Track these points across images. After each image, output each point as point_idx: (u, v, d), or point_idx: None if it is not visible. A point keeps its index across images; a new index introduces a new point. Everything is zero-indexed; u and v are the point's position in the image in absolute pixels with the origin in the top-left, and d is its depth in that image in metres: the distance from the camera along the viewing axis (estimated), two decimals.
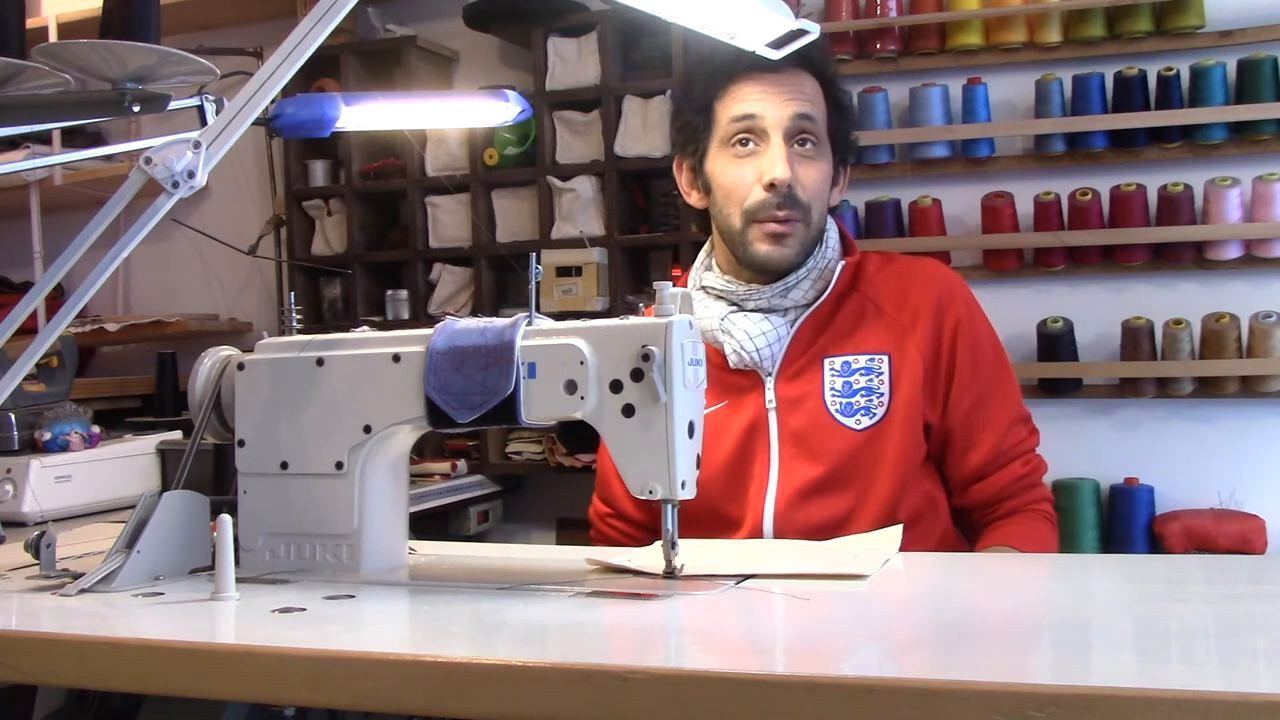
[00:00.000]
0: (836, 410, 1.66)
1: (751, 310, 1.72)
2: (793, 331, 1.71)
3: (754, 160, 1.68)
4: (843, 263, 1.73)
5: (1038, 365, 2.90)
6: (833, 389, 1.67)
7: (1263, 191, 2.78)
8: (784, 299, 1.71)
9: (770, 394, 1.69)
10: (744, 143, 1.69)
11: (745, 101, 1.69)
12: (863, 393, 1.66)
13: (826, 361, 1.69)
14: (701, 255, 1.82)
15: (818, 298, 1.72)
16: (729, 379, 1.71)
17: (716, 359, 1.71)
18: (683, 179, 1.81)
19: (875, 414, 1.65)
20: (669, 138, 1.82)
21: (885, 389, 1.66)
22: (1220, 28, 2.85)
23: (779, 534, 1.64)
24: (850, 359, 1.68)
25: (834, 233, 1.77)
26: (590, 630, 1.13)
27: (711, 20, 1.38)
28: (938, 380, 1.69)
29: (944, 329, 1.70)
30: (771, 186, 1.66)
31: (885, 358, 1.67)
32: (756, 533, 1.65)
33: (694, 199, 1.80)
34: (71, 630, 1.15)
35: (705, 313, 1.73)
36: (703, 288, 1.78)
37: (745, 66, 1.68)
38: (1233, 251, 2.84)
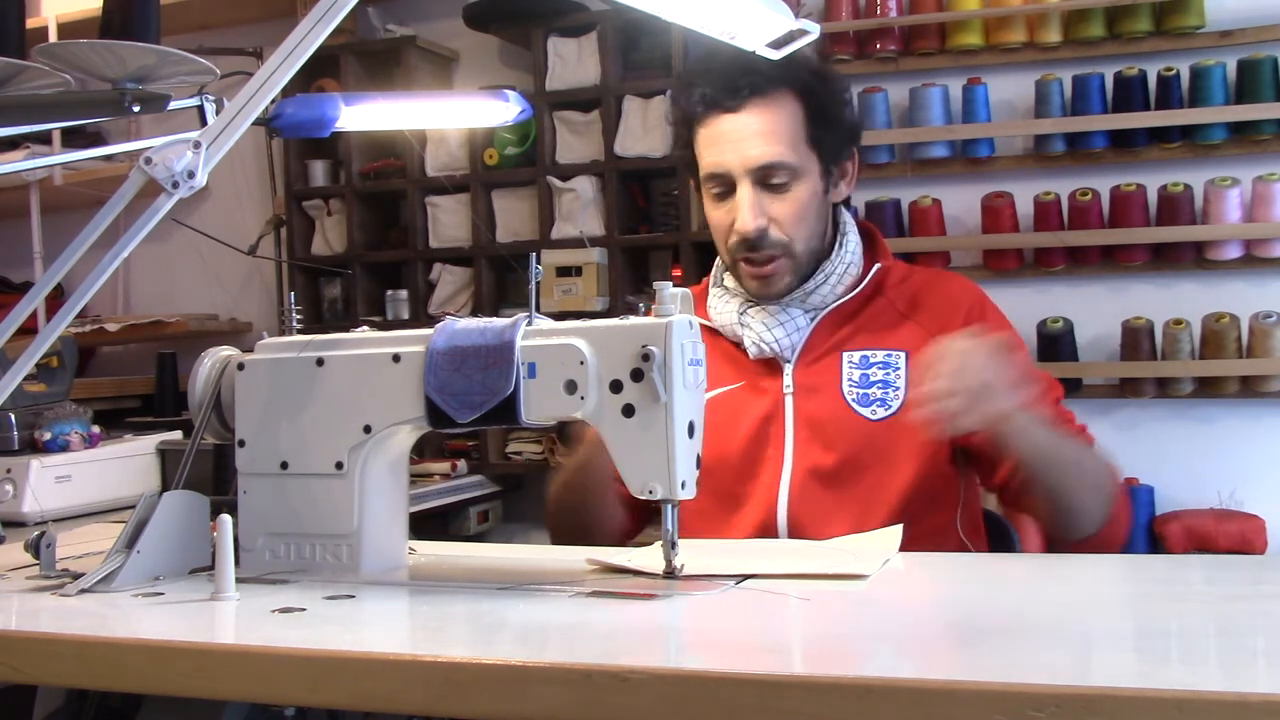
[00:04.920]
0: (853, 400, 1.67)
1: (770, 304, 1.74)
2: (813, 325, 1.73)
3: (728, 205, 1.71)
4: (878, 265, 1.75)
5: (1038, 365, 2.90)
6: (850, 380, 1.70)
7: (1263, 191, 2.78)
8: (804, 303, 1.73)
9: (788, 379, 1.71)
10: (718, 195, 1.72)
11: (713, 151, 1.70)
12: (879, 385, 1.68)
13: (845, 355, 1.71)
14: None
15: (840, 296, 1.73)
16: (748, 362, 1.74)
17: (736, 350, 1.74)
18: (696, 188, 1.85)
19: (891, 406, 1.66)
20: (673, 149, 1.83)
21: (901, 384, 1.67)
22: (1220, 28, 2.85)
23: (791, 518, 1.65)
24: (869, 353, 1.71)
25: (853, 233, 1.78)
26: (590, 630, 1.13)
27: (711, 20, 1.38)
28: None
29: None
30: (743, 236, 1.69)
31: (903, 355, 1.69)
32: (769, 516, 1.66)
33: None
34: (71, 630, 1.15)
35: (725, 308, 1.76)
36: (722, 285, 1.80)
37: (711, 106, 1.69)
38: (1233, 251, 2.84)
